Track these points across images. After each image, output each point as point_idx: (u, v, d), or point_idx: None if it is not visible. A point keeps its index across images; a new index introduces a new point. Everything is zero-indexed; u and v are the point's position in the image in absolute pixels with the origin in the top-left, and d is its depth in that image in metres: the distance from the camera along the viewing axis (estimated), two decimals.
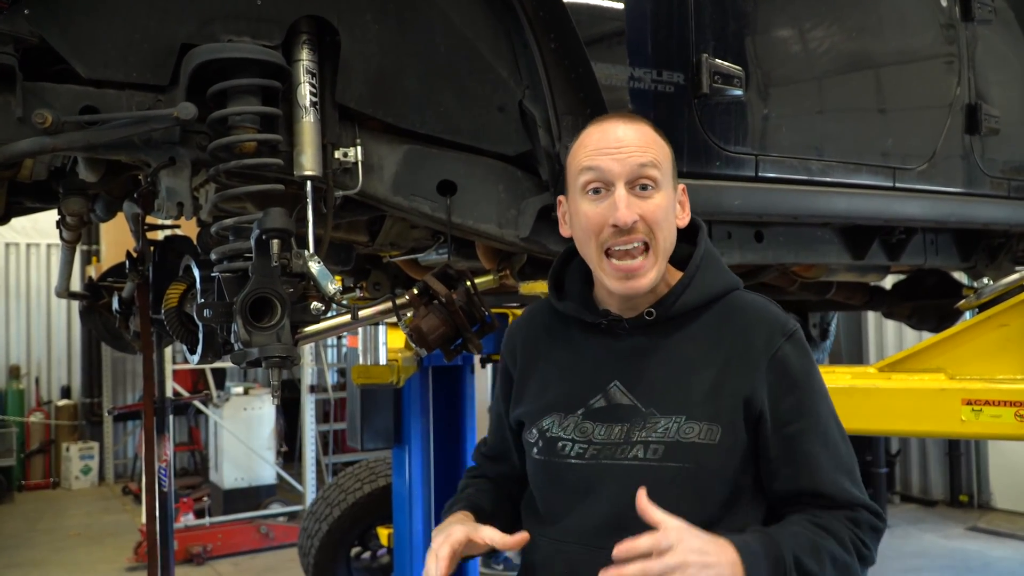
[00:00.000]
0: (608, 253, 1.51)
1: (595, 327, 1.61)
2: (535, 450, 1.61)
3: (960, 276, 4.14)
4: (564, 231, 1.64)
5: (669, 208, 1.52)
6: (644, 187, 1.50)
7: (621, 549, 1.32)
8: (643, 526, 1.38)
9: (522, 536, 1.54)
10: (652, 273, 1.51)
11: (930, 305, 4.15)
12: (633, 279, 1.50)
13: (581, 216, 1.54)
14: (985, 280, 3.04)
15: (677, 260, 1.60)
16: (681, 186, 1.61)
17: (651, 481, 1.46)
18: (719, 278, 1.59)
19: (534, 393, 1.65)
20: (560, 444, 1.56)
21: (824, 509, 1.48)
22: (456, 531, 1.53)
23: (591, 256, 1.55)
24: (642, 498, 1.36)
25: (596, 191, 1.51)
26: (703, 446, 1.47)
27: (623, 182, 1.49)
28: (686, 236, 1.64)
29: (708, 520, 1.45)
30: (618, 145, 1.50)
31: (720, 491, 1.50)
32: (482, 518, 1.64)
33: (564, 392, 1.60)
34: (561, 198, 1.65)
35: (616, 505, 1.49)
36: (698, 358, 1.52)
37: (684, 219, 1.60)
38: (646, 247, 1.50)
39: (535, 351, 1.69)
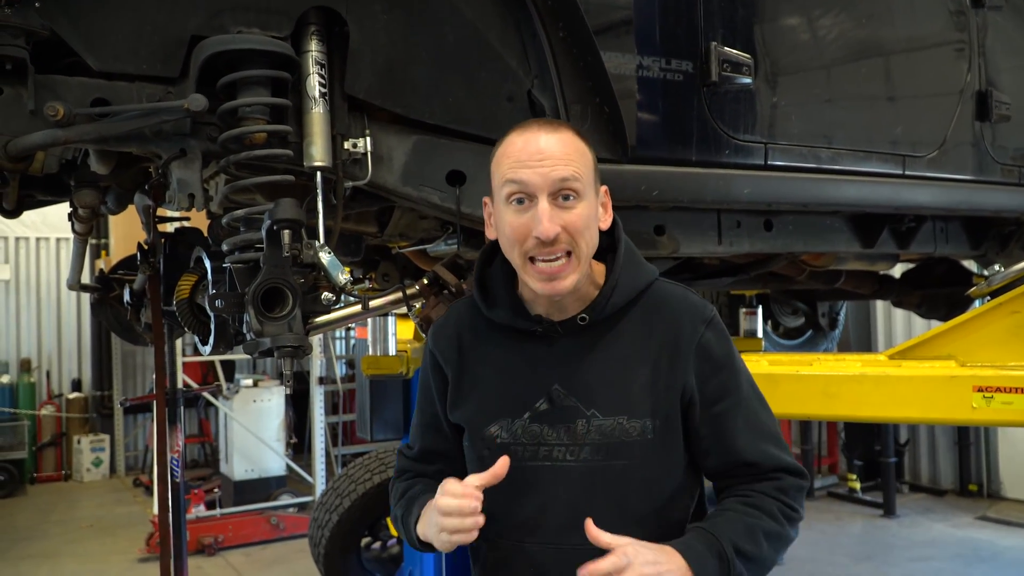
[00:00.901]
0: (532, 259, 1.53)
1: (529, 332, 1.63)
2: (484, 456, 1.62)
3: (970, 265, 4.12)
4: (490, 233, 1.65)
5: (591, 216, 1.54)
6: (567, 197, 1.51)
7: (584, 572, 1.39)
8: (599, 523, 1.46)
9: (503, 461, 1.53)
10: (574, 276, 1.53)
11: (940, 294, 4.14)
12: (555, 280, 1.52)
13: (505, 225, 1.55)
14: (996, 267, 3.03)
15: (597, 252, 1.62)
16: (603, 188, 1.62)
17: (601, 480, 1.56)
18: (640, 274, 1.64)
19: (475, 399, 1.66)
20: (511, 449, 1.59)
21: (753, 479, 1.59)
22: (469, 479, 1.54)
23: (515, 261, 1.57)
24: (591, 528, 1.43)
25: (520, 201, 1.52)
26: (645, 442, 1.55)
27: (546, 195, 1.50)
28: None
29: (657, 508, 1.58)
30: (540, 157, 1.51)
31: (665, 481, 1.59)
32: None
33: (506, 397, 1.63)
34: (487, 200, 1.65)
35: (572, 505, 1.56)
36: (632, 356, 1.59)
37: (606, 221, 1.62)
38: (568, 254, 1.52)
39: (468, 353, 1.69)
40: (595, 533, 1.43)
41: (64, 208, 2.73)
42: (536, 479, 1.59)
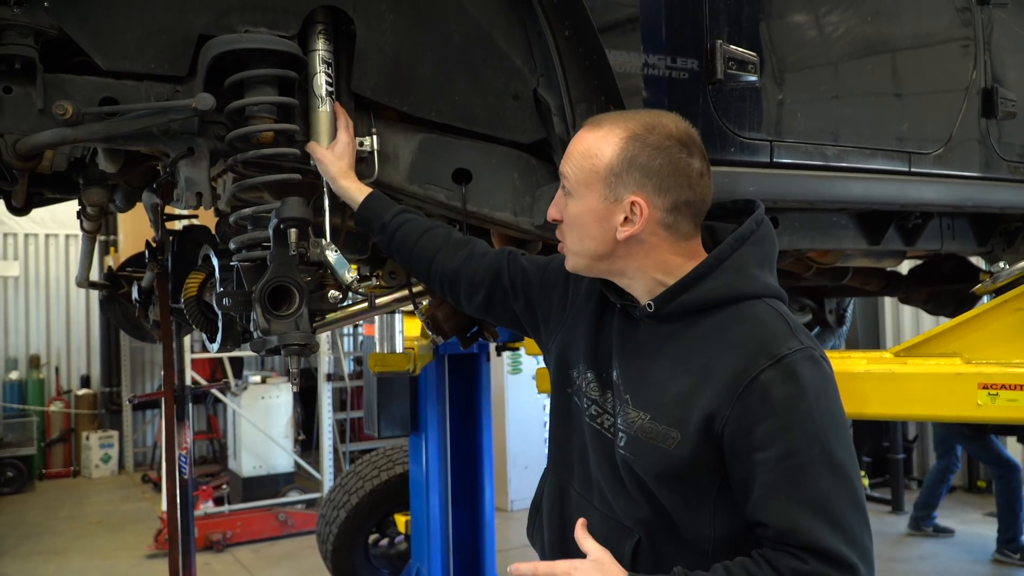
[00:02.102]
0: None
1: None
2: (565, 388, 1.77)
3: (978, 261, 4.11)
4: None
5: (578, 215, 1.60)
6: (566, 192, 1.63)
7: (513, 569, 1.49)
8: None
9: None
10: (571, 259, 1.66)
11: (947, 290, 4.13)
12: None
13: None
14: (1001, 264, 3.02)
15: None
16: (633, 199, 1.54)
17: (619, 462, 1.59)
18: (733, 283, 1.54)
19: (575, 334, 1.77)
20: (581, 394, 1.72)
21: (779, 545, 1.39)
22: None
23: None
24: (579, 530, 1.55)
25: None
26: (658, 449, 1.51)
27: (560, 184, 1.65)
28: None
29: (661, 518, 1.54)
30: (567, 151, 1.64)
31: (673, 494, 1.52)
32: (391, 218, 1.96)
33: (592, 349, 1.72)
34: None
35: (600, 470, 1.65)
36: (681, 362, 1.53)
37: (623, 233, 1.56)
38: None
39: (585, 290, 1.79)
40: (579, 535, 1.53)
41: (73, 204, 2.74)
42: (584, 430, 1.70)
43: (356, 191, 1.95)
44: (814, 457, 1.39)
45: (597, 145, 1.57)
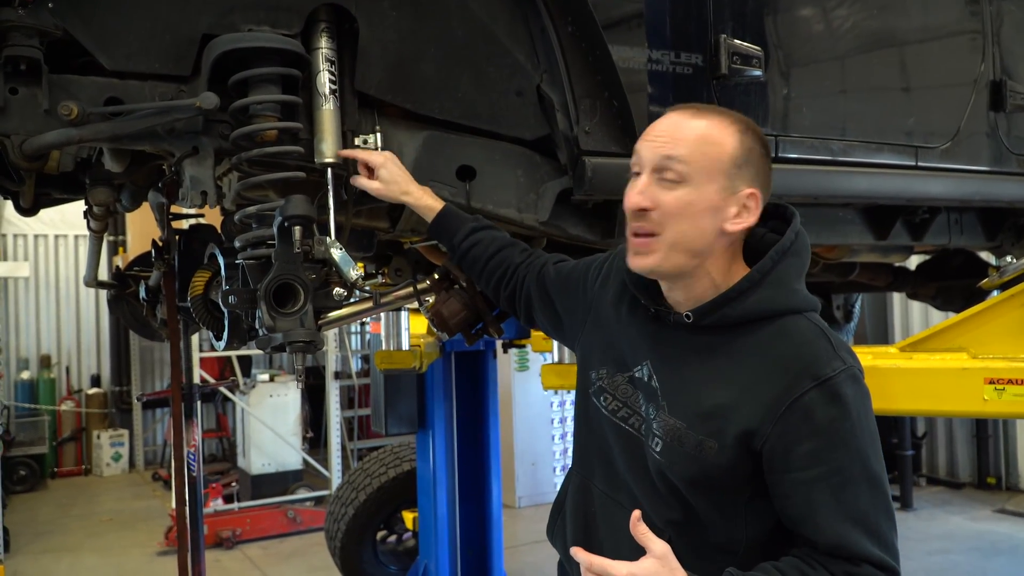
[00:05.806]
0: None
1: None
2: (587, 389, 1.76)
3: (989, 256, 4.09)
4: None
5: (690, 205, 1.48)
6: (669, 178, 1.49)
7: (581, 556, 1.41)
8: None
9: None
10: (653, 257, 1.52)
11: (956, 285, 4.11)
12: (637, 256, 1.54)
13: None
14: (1008, 259, 3.00)
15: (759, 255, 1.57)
16: (749, 191, 1.51)
17: (651, 465, 1.58)
18: (777, 297, 1.53)
19: (597, 336, 1.78)
20: (604, 396, 1.71)
21: (826, 556, 1.43)
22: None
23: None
24: (636, 520, 1.41)
25: (637, 174, 1.55)
26: (693, 458, 1.51)
27: (649, 169, 1.52)
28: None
29: (692, 520, 1.54)
30: (657, 134, 1.53)
31: (707, 499, 1.53)
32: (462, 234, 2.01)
33: (616, 350, 1.71)
34: None
35: (629, 470, 1.64)
36: (721, 374, 1.52)
37: (736, 224, 1.51)
38: (653, 235, 1.51)
39: (607, 291, 1.78)
40: (636, 525, 1.41)
41: (82, 205, 2.75)
42: (610, 430, 1.69)
43: (426, 208, 2.01)
44: (855, 474, 1.43)
45: (718, 133, 1.50)
